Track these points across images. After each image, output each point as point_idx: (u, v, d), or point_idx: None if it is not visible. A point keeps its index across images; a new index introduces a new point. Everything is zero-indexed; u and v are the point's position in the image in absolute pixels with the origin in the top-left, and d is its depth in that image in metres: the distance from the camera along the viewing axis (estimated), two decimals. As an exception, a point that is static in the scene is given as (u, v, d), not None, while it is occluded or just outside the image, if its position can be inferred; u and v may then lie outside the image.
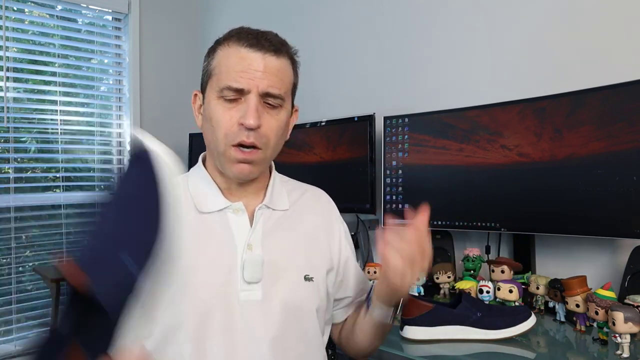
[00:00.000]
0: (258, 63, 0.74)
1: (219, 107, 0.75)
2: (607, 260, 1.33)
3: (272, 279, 0.77)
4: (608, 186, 1.19)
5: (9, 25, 2.24)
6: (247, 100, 0.74)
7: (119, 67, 2.65)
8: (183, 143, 2.72)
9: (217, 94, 0.75)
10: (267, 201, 0.83)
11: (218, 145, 0.76)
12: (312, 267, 0.82)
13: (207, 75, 0.78)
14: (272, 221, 0.82)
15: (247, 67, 0.73)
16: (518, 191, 1.36)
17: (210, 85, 0.77)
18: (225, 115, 0.74)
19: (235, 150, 0.75)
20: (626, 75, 1.20)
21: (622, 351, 0.93)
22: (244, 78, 0.73)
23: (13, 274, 2.28)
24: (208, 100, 0.77)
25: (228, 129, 0.74)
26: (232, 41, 0.76)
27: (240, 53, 0.74)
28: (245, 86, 0.73)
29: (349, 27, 2.05)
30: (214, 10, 2.83)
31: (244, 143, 0.75)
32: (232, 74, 0.73)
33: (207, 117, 0.77)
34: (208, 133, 0.78)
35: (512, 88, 1.52)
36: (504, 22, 1.57)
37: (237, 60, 0.74)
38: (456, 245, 1.62)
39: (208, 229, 0.77)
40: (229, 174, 0.79)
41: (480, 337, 1.06)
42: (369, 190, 1.71)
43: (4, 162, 2.26)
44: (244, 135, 0.74)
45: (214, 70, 0.76)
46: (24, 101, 2.33)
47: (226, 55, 0.76)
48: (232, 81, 0.73)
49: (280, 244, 0.81)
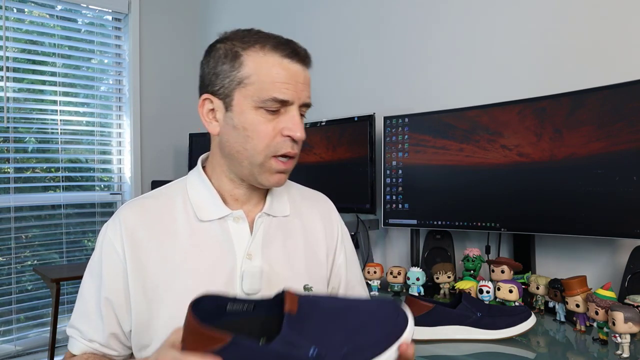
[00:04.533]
0: (299, 75, 0.74)
1: (259, 117, 0.73)
2: (607, 260, 1.33)
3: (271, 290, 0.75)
4: (608, 186, 1.19)
5: (9, 25, 2.24)
6: (288, 112, 0.74)
7: (119, 67, 2.65)
8: (183, 143, 2.72)
9: (256, 104, 0.72)
10: (267, 208, 0.82)
11: (255, 156, 0.74)
12: (312, 275, 0.82)
13: (233, 83, 0.74)
14: (273, 229, 0.81)
15: (291, 79, 0.73)
16: (518, 191, 1.36)
17: (242, 94, 0.73)
18: (268, 127, 0.73)
19: (276, 161, 0.75)
20: (626, 75, 1.20)
21: (622, 351, 0.93)
22: (290, 90, 0.73)
23: (13, 274, 2.28)
24: (240, 109, 0.73)
25: (270, 140, 0.73)
26: (266, 50, 0.73)
27: (283, 64, 0.73)
28: (290, 98, 0.73)
29: (349, 27, 2.05)
30: (214, 10, 2.83)
31: (289, 154, 0.75)
32: (276, 85, 0.72)
33: (238, 127, 0.74)
34: (237, 143, 0.75)
35: (512, 88, 1.52)
36: (504, 22, 1.57)
37: (280, 72, 0.72)
38: (456, 245, 1.62)
39: (207, 238, 0.76)
40: (263, 183, 0.77)
41: (480, 337, 1.06)
42: (369, 190, 1.71)
43: (4, 162, 2.27)
44: (288, 146, 0.74)
45: (248, 79, 0.73)
46: (23, 101, 2.33)
47: (264, 64, 0.73)
48: (278, 93, 0.72)
49: (280, 253, 0.80)
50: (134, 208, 0.78)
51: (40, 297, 2.36)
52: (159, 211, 0.78)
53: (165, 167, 2.79)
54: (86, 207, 2.54)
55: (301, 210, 0.88)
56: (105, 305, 0.73)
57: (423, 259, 1.65)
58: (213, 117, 0.78)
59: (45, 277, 1.98)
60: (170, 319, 0.70)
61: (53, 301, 2.00)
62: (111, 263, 0.74)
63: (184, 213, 0.77)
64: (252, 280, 0.75)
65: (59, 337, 2.07)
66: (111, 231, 0.76)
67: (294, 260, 0.81)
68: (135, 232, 0.75)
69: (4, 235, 2.26)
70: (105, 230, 0.77)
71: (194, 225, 0.77)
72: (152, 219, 0.76)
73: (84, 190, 2.55)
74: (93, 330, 0.74)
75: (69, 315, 2.42)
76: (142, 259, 0.73)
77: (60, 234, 2.43)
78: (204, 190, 0.80)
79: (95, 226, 2.57)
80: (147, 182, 2.65)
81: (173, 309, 0.70)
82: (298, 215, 0.86)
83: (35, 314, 2.35)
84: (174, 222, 0.76)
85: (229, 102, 0.75)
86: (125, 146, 2.65)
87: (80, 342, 0.75)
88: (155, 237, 0.75)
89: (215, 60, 0.76)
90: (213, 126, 0.78)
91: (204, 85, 0.79)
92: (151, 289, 0.72)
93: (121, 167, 2.67)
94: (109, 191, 2.64)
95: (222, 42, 0.77)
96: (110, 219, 0.78)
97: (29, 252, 2.36)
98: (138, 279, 0.73)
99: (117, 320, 0.74)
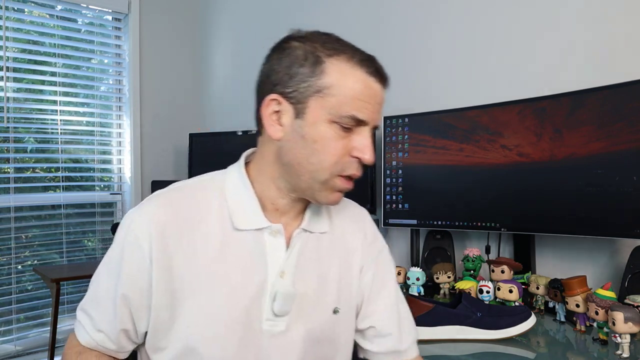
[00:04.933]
0: (378, 95, 0.70)
1: (331, 132, 0.68)
2: (607, 260, 1.33)
3: (299, 311, 0.73)
4: (608, 186, 1.19)
5: (9, 25, 2.24)
6: (361, 132, 0.70)
7: (119, 67, 2.65)
8: (183, 143, 2.72)
9: (332, 118, 0.67)
10: (306, 224, 0.76)
11: (320, 172, 0.69)
12: (343, 298, 0.78)
13: (311, 89, 0.68)
14: (309, 247, 0.76)
15: (371, 99, 0.69)
16: (518, 191, 1.36)
17: (318, 104, 0.68)
18: (339, 144, 0.68)
19: (341, 180, 0.71)
20: (626, 75, 1.20)
21: (622, 351, 0.93)
22: (369, 110, 0.69)
23: (13, 274, 2.28)
24: (313, 119, 0.68)
25: (339, 159, 0.69)
26: (353, 63, 0.68)
27: (367, 81, 0.68)
28: (367, 118, 0.69)
29: (349, 27, 2.05)
30: (214, 10, 2.83)
31: (354, 176, 0.71)
32: (358, 102, 0.67)
33: (307, 138, 0.68)
34: (302, 154, 0.69)
35: (512, 88, 1.52)
36: (504, 22, 1.57)
37: (363, 89, 0.68)
38: (456, 245, 1.62)
39: (240, 247, 0.71)
40: (320, 200, 0.72)
41: (480, 337, 1.06)
42: (369, 190, 1.71)
43: (4, 162, 2.27)
44: (354, 168, 0.70)
45: (329, 89, 0.67)
46: (23, 101, 2.33)
47: (349, 78, 0.67)
48: (358, 111, 0.67)
49: (314, 274, 0.75)
50: (164, 203, 0.71)
51: (40, 297, 2.36)
52: (191, 210, 0.71)
53: (165, 167, 2.79)
54: (86, 207, 2.54)
55: (339, 226, 0.82)
56: (122, 302, 0.69)
57: (423, 259, 1.65)
58: (277, 120, 0.70)
59: (45, 277, 1.98)
60: (188, 326, 0.68)
61: (53, 301, 2.00)
62: (134, 260, 0.68)
63: (219, 216, 0.71)
64: (284, 302, 0.70)
65: (59, 337, 2.07)
66: (137, 226, 0.69)
67: (326, 282, 0.76)
68: (166, 230, 0.68)
69: (4, 235, 2.25)
70: (129, 223, 0.70)
71: (228, 232, 0.71)
72: (184, 217, 0.70)
73: (84, 190, 2.55)
74: (105, 322, 0.70)
75: (69, 315, 2.42)
76: (170, 259, 0.68)
77: (60, 234, 2.43)
78: (244, 194, 0.74)
79: (95, 226, 2.57)
80: (147, 182, 2.64)
81: (194, 316, 0.68)
82: (335, 231, 0.81)
83: (35, 314, 2.35)
84: (206, 225, 0.71)
85: (302, 109, 0.68)
86: (125, 146, 2.65)
87: (87, 331, 0.72)
88: (185, 237, 0.69)
89: (291, 59, 0.69)
90: (275, 130, 0.70)
91: (270, 83, 0.71)
92: (175, 292, 0.68)
93: (121, 167, 2.67)
94: (109, 191, 2.64)
95: (300, 42, 0.70)
96: (135, 212, 0.71)
97: (29, 252, 2.36)
98: (163, 279, 0.68)
99: (132, 318, 0.70)
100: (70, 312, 2.44)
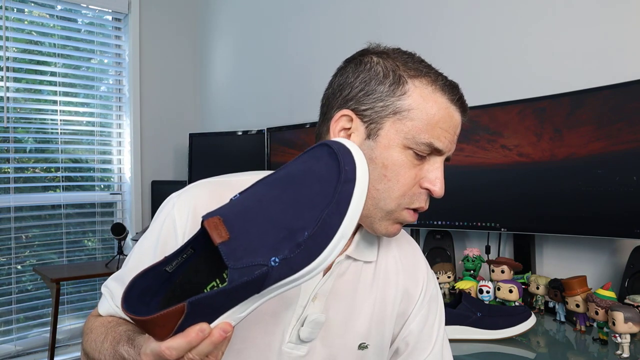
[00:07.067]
0: (458, 126, 0.66)
1: (404, 159, 0.63)
2: (607, 260, 1.33)
3: (324, 338, 0.68)
4: (608, 186, 1.19)
5: (9, 25, 2.24)
6: (434, 162, 0.64)
7: (119, 67, 2.65)
8: (183, 143, 2.73)
9: (407, 143, 0.62)
10: (352, 251, 0.70)
11: (386, 201, 0.64)
12: (373, 336, 0.72)
13: (388, 110, 0.63)
14: (349, 275, 0.70)
15: (450, 128, 0.64)
16: (518, 191, 1.36)
17: (394, 126, 0.63)
18: (410, 173, 0.63)
19: (408, 212, 0.65)
20: (626, 75, 1.20)
21: (622, 351, 0.93)
22: (447, 139, 0.63)
23: (13, 274, 2.28)
24: (387, 143, 0.63)
25: (408, 189, 0.64)
26: (436, 87, 0.64)
27: (449, 110, 0.64)
28: (444, 148, 0.63)
29: (349, 27, 2.05)
30: (214, 10, 2.83)
31: (421, 209, 0.66)
32: (437, 131, 0.62)
33: (377, 162, 0.63)
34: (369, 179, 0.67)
35: (512, 88, 1.52)
36: (504, 22, 1.57)
37: (444, 116, 0.63)
38: (456, 245, 1.62)
39: None
40: (378, 230, 0.66)
41: (480, 337, 1.06)
42: (369, 190, 1.70)
43: (4, 162, 2.27)
44: (423, 200, 0.65)
45: (409, 113, 0.62)
46: (23, 101, 2.33)
47: (431, 103, 0.63)
48: (436, 139, 0.62)
49: (346, 306, 0.70)
50: (209, 193, 0.66)
51: (40, 297, 2.37)
52: None
53: (165, 168, 2.79)
54: (86, 207, 2.54)
55: (388, 257, 0.75)
56: None
57: (423, 259, 1.65)
58: (345, 136, 0.65)
59: (45, 277, 1.98)
60: None
61: (53, 301, 2.00)
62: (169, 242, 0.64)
63: None
64: (313, 330, 0.66)
65: (59, 337, 2.07)
66: (177, 210, 0.65)
67: (357, 317, 0.71)
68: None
69: (4, 235, 2.26)
70: (172, 206, 0.66)
71: None
72: None
73: (84, 190, 2.55)
74: None
75: (69, 315, 2.42)
76: None
77: (60, 234, 2.44)
78: None
79: (95, 226, 2.57)
80: (147, 182, 2.65)
81: None
82: (383, 263, 0.74)
83: (35, 314, 2.35)
84: None
85: (375, 130, 0.63)
86: (125, 146, 2.65)
87: (108, 304, 0.67)
88: None
89: (369, 75, 0.65)
90: None
91: (343, 98, 0.66)
92: None
93: (121, 167, 2.67)
94: (109, 191, 2.64)
95: (380, 57, 0.66)
96: (178, 196, 0.67)
97: (29, 252, 2.36)
98: None
99: None
100: (70, 312, 2.44)
